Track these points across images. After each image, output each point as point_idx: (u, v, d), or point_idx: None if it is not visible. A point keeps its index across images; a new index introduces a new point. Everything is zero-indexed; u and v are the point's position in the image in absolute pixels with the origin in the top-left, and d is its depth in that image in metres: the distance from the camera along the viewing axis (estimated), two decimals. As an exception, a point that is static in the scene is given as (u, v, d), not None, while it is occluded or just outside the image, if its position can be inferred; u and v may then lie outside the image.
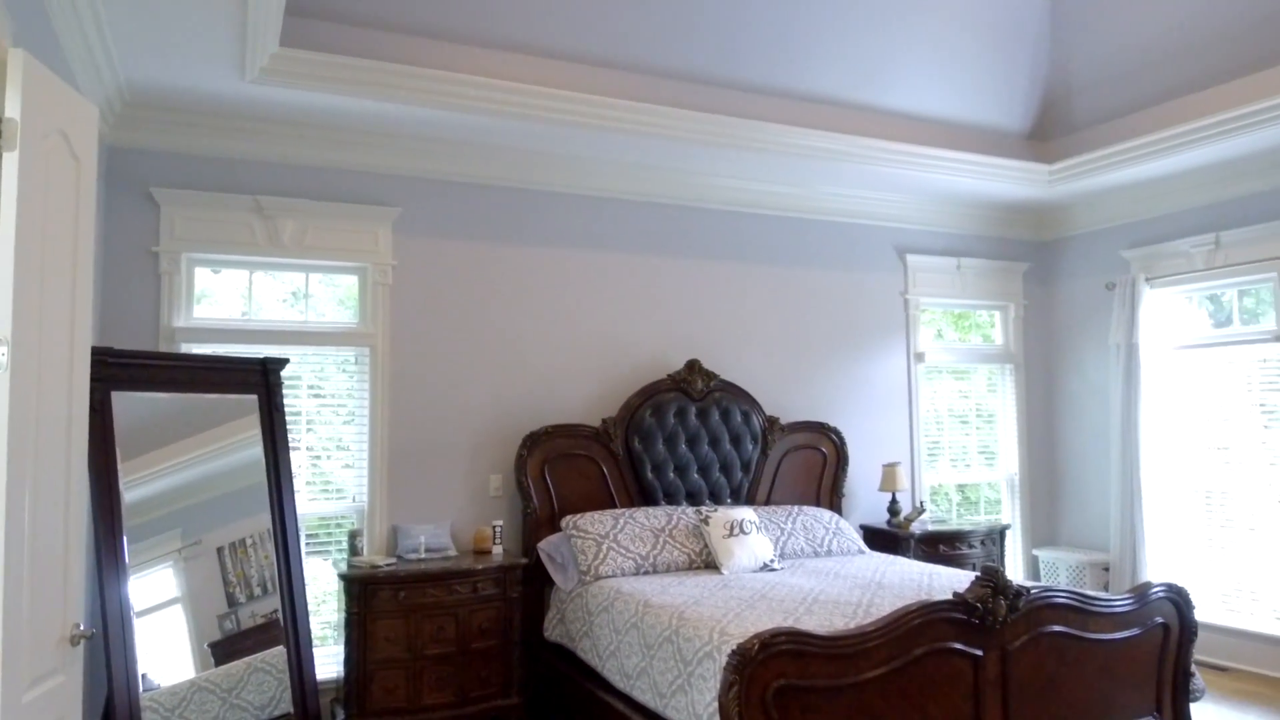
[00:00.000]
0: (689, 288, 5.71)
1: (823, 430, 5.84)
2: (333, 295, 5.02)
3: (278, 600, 4.05)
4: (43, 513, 2.15)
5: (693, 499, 5.28)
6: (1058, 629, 3.28)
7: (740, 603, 3.76)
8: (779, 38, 4.89)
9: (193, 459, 3.95)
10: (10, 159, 2.04)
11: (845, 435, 5.92)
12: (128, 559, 3.55)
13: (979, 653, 3.09)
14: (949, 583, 4.05)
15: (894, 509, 5.84)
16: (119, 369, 3.71)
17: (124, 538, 3.56)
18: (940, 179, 5.81)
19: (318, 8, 4.02)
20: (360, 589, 4.24)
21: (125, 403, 3.72)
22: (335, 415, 4.87)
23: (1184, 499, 5.97)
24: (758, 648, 2.69)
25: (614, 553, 4.54)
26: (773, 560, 4.70)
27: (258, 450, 4.16)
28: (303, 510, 4.56)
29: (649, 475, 5.19)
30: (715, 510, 4.83)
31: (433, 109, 4.39)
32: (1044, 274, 6.94)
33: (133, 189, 4.43)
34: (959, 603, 3.06)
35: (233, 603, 3.92)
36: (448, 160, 5.04)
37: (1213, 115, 4.85)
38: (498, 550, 4.75)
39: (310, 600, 4.33)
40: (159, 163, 4.50)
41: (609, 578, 4.43)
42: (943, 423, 6.56)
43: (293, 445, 4.52)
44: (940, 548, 5.67)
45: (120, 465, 3.63)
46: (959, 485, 6.66)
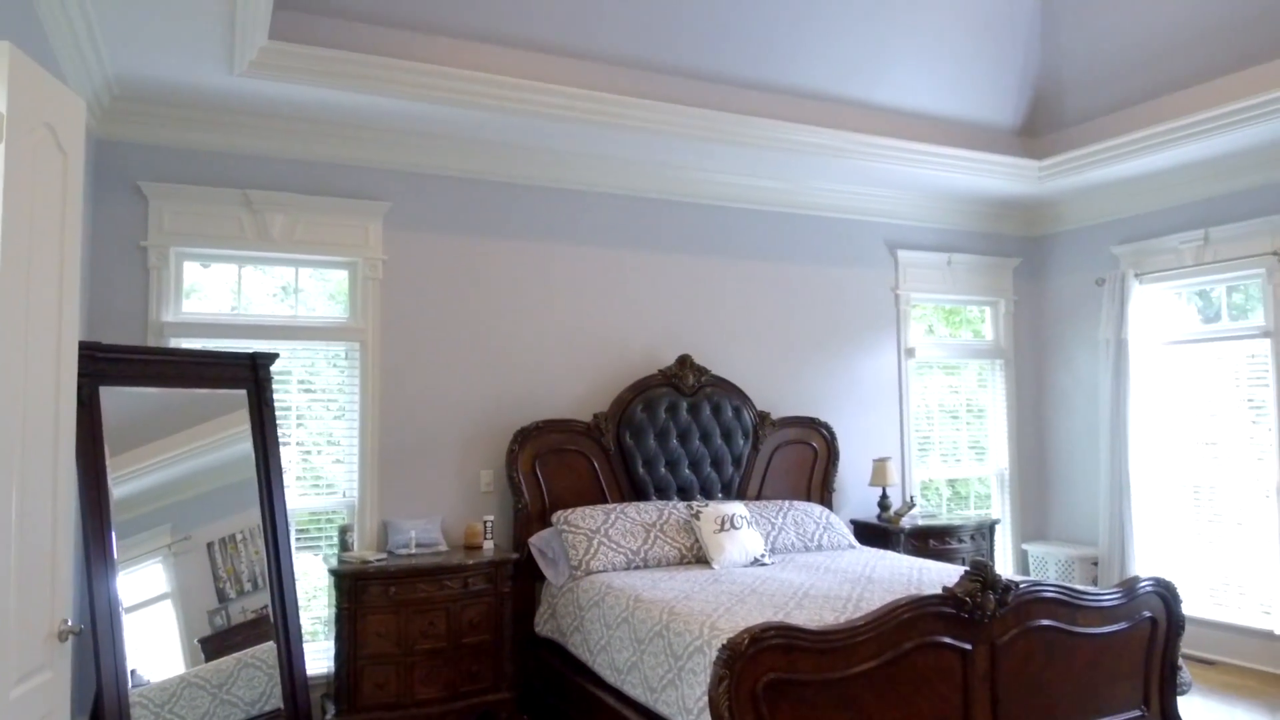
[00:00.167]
0: (680, 283, 5.71)
1: (813, 425, 5.85)
2: (323, 290, 5.00)
3: (268, 595, 4.04)
4: (30, 508, 2.14)
5: (684, 494, 5.29)
6: (1046, 623, 3.29)
7: (731, 597, 3.77)
8: (768, 32, 4.89)
9: (182, 454, 3.94)
10: (-4, 152, 2.02)
11: (836, 430, 5.94)
12: (116, 554, 3.53)
13: (968, 647, 3.10)
14: (938, 577, 4.07)
15: (884, 504, 5.86)
16: (107, 364, 3.69)
17: (112, 533, 3.54)
18: (931, 174, 5.82)
19: (307, 1, 4.00)
20: (351, 584, 4.23)
21: (114, 398, 3.70)
22: (326, 410, 4.86)
23: (1172, 494, 6.01)
24: (748, 642, 2.69)
25: (605, 548, 4.54)
26: (763, 555, 4.71)
27: (247, 445, 4.15)
28: (293, 505, 4.55)
29: (640, 470, 5.20)
30: (706, 505, 4.84)
31: (423, 103, 4.38)
32: (1034, 270, 6.97)
33: (121, 183, 4.41)
34: (948, 597, 3.08)
35: (223, 598, 3.91)
36: (438, 154, 5.02)
37: (1202, 112, 4.87)
38: (489, 545, 4.75)
39: (301, 595, 4.32)
40: (147, 156, 4.47)
41: (600, 573, 4.43)
42: (933, 418, 6.58)
43: (283, 440, 4.52)
44: (930, 542, 5.69)
45: (109, 460, 3.62)
46: (949, 480, 6.69)
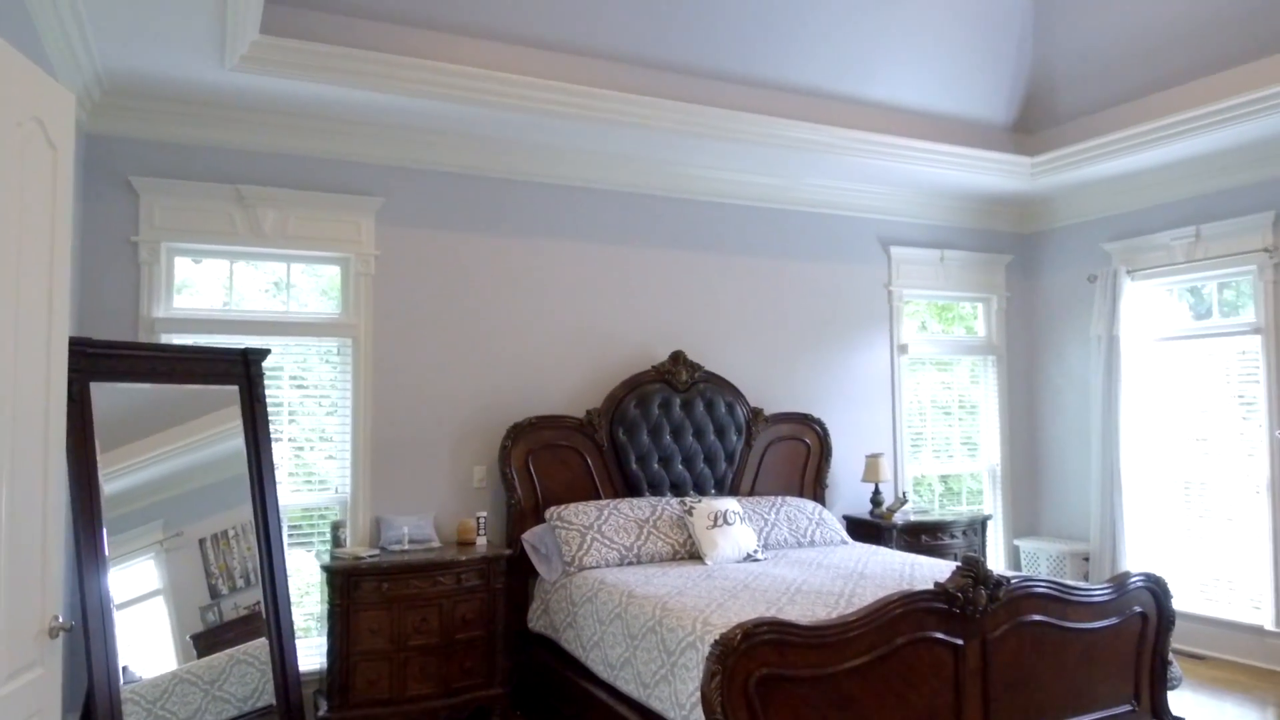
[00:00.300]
0: (674, 279, 5.71)
1: (806, 421, 5.86)
2: (315, 285, 4.99)
3: (260, 592, 4.03)
4: (20, 504, 2.13)
5: (677, 490, 5.29)
6: (1038, 618, 3.31)
7: (723, 593, 3.78)
8: (761, 28, 4.88)
9: (173, 450, 3.92)
10: (-15, 146, 2.01)
11: (829, 426, 5.95)
12: (108, 551, 3.52)
13: (960, 642, 3.11)
14: (930, 573, 4.07)
15: (877, 499, 5.87)
16: (98, 360, 3.67)
17: (104, 530, 3.53)
18: (924, 171, 5.82)
19: (299, -5, 3.99)
20: (343, 580, 4.23)
21: (104, 394, 3.68)
22: (318, 406, 4.85)
23: (1163, 489, 6.03)
24: (740, 638, 2.70)
25: (598, 544, 4.55)
26: (756, 551, 4.72)
27: (239, 441, 4.13)
28: (285, 501, 4.54)
29: (633, 466, 5.20)
30: (699, 501, 4.84)
31: (415, 98, 4.37)
32: (1026, 266, 6.98)
33: (111, 178, 4.39)
34: (940, 592, 3.09)
35: (215, 594, 3.90)
36: (431, 150, 5.01)
37: (1194, 109, 4.88)
38: (481, 541, 4.75)
39: (293, 592, 4.31)
40: (138, 151, 4.45)
41: (593, 568, 4.44)
42: (925, 414, 6.60)
43: (275, 436, 4.50)
44: (922, 538, 5.70)
45: (99, 457, 3.60)
46: (941, 476, 6.71)
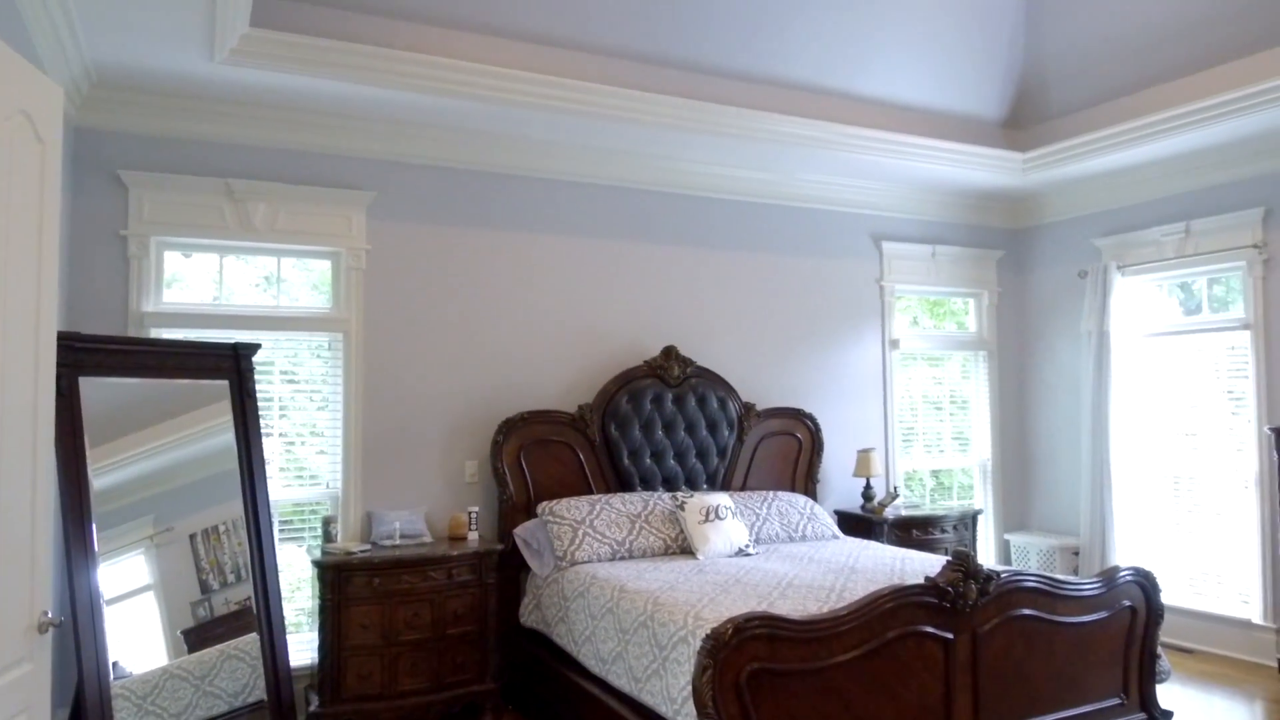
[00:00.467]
0: (667, 274, 5.71)
1: (798, 416, 5.87)
2: (306, 280, 4.97)
3: (251, 587, 4.02)
4: (8, 499, 2.12)
5: (669, 485, 5.30)
6: (1027, 612, 3.32)
7: (715, 588, 3.78)
8: (753, 22, 4.88)
9: (163, 445, 3.91)
10: (-29, 139, 2.00)
11: (820, 421, 5.96)
12: (97, 546, 3.50)
13: (950, 636, 3.13)
14: (921, 567, 4.09)
15: (868, 494, 5.89)
16: (87, 354, 3.65)
17: (93, 525, 3.51)
18: (915, 166, 5.83)
19: (289, -12, 3.97)
20: (334, 575, 4.22)
21: (93, 388, 3.66)
22: (309, 401, 4.84)
23: (1152, 484, 6.06)
24: (731, 632, 2.71)
25: (590, 538, 4.55)
26: (748, 545, 4.72)
27: (230, 436, 4.11)
28: (276, 496, 4.53)
29: (625, 461, 5.20)
30: (691, 496, 4.85)
31: (406, 92, 4.35)
32: (1017, 262, 7.00)
33: (100, 171, 4.36)
34: (930, 587, 3.10)
35: (206, 589, 3.89)
36: (422, 144, 4.99)
37: (1185, 105, 4.90)
38: (473, 536, 4.74)
39: (284, 587, 4.30)
40: (127, 145, 4.42)
41: (585, 563, 4.44)
42: (917, 409, 6.61)
43: (266, 431, 4.49)
44: (913, 533, 5.72)
45: (89, 452, 3.58)
46: (932, 471, 6.73)
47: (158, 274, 4.50)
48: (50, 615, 2.28)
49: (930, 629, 3.09)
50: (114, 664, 3.47)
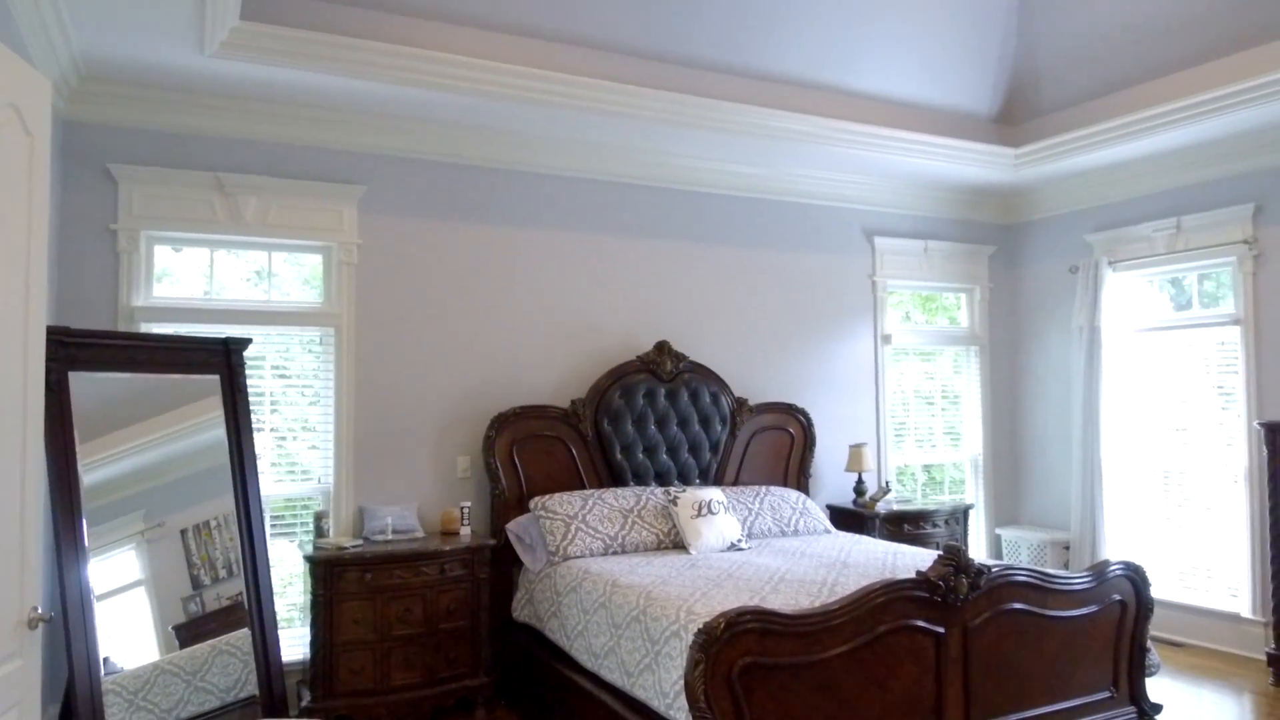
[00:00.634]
0: (659, 269, 5.70)
1: (790, 411, 5.87)
2: (297, 274, 4.96)
3: (243, 582, 4.01)
4: (-3, 495, 2.12)
5: (661, 480, 5.30)
6: (1018, 606, 3.33)
7: (707, 582, 3.79)
8: (745, 16, 4.87)
9: (154, 440, 3.89)
10: (-42, 132, 1.98)
11: (813, 416, 5.97)
12: (88, 541, 3.50)
13: (941, 630, 3.13)
14: (912, 561, 4.10)
15: (860, 489, 5.90)
16: (76, 349, 3.64)
17: (83, 520, 3.50)
18: (907, 161, 5.83)
19: (280, -19, 3.95)
20: (326, 571, 4.21)
21: (83, 383, 3.65)
22: (301, 396, 4.82)
23: (1143, 479, 6.09)
24: (723, 626, 2.71)
25: (582, 533, 4.55)
26: (740, 540, 4.73)
27: (221, 431, 4.10)
28: (268, 492, 4.52)
29: (618, 456, 5.20)
30: (684, 491, 4.85)
31: (398, 86, 4.33)
32: (1009, 257, 7.02)
33: (90, 165, 4.33)
34: (922, 581, 3.10)
35: (197, 585, 3.88)
36: (414, 138, 4.97)
37: (1176, 101, 4.91)
38: (465, 531, 4.74)
39: (276, 582, 4.30)
40: (117, 138, 4.40)
41: (577, 558, 4.44)
42: (909, 404, 6.63)
43: (257, 426, 4.48)
44: (905, 527, 5.74)
45: (79, 447, 3.57)
46: (924, 465, 6.75)
47: (148, 268, 4.48)
48: (40, 611, 2.27)
49: (921, 623, 3.10)
50: (105, 659, 3.46)
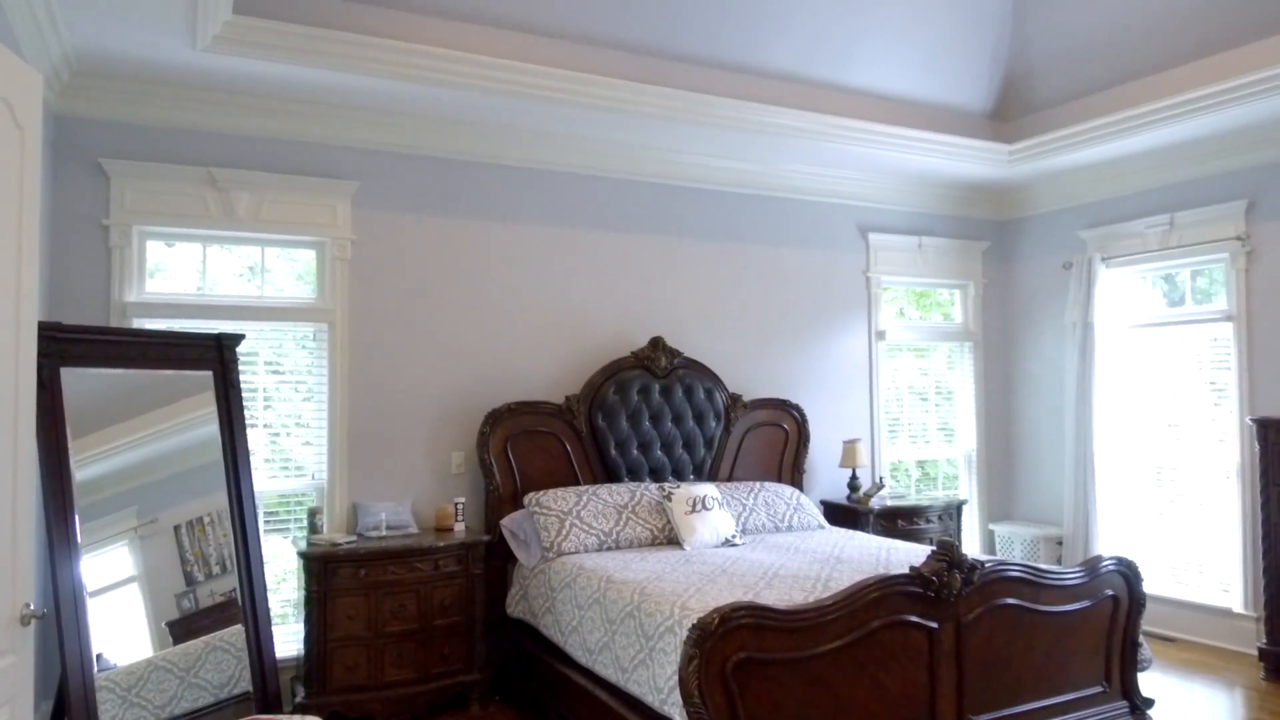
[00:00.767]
0: (653, 264, 5.70)
1: (785, 407, 5.88)
2: (290, 270, 4.94)
3: (236, 579, 4.00)
4: (-12, 491, 2.11)
5: (656, 476, 5.30)
6: (1011, 602, 3.34)
7: (701, 578, 3.79)
8: (736, 11, 4.86)
9: (147, 436, 3.88)
10: (-52, 127, 1.97)
11: (807, 412, 5.97)
12: (80, 538, 3.48)
13: (934, 625, 3.14)
14: (906, 557, 4.11)
15: (854, 485, 5.91)
16: (68, 344, 3.62)
17: (75, 516, 3.49)
18: (901, 157, 5.84)
19: (273, -25, 3.93)
20: (320, 567, 4.21)
21: (75, 379, 3.63)
22: (294, 392, 4.81)
23: (1135, 474, 6.11)
24: (717, 622, 2.71)
25: (577, 529, 4.55)
26: (734, 536, 4.74)
27: (214, 427, 4.09)
28: (262, 488, 4.51)
29: (612, 452, 5.20)
30: (678, 487, 4.85)
31: (390, 80, 4.31)
32: (1003, 253, 7.03)
33: (81, 160, 4.31)
34: (915, 577, 3.11)
35: (191, 581, 3.87)
36: (407, 133, 4.96)
37: (1170, 98, 4.92)
38: (460, 527, 4.74)
39: (270, 578, 4.29)
40: (108, 133, 4.38)
41: (572, 554, 4.44)
42: (903, 400, 6.64)
43: (251, 422, 4.47)
44: (899, 523, 5.75)
45: (71, 443, 3.55)
46: (918, 461, 6.76)
47: (140, 264, 4.46)
48: (33, 607, 2.26)
49: (915, 618, 3.11)
50: (98, 656, 3.45)
